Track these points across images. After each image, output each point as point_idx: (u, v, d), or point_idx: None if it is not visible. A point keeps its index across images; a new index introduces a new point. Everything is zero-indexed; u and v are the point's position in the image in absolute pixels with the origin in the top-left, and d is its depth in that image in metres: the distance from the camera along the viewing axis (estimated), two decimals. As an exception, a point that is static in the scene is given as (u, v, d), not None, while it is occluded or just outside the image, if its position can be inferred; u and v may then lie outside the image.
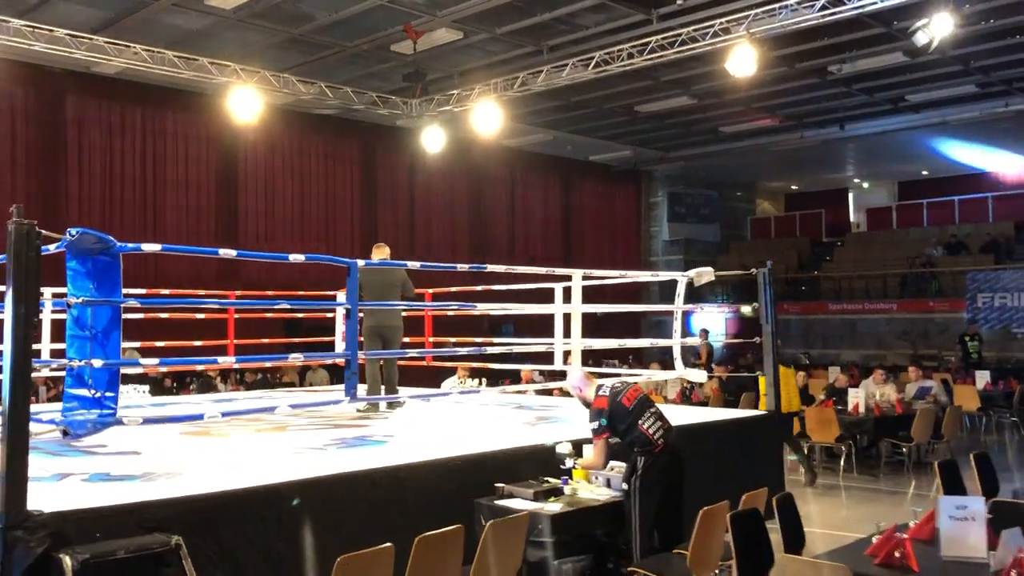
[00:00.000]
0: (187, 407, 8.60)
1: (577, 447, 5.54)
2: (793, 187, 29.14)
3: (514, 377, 13.74)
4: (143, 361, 4.94)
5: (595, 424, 5.41)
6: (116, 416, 4.49)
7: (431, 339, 10.31)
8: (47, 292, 8.70)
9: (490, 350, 6.89)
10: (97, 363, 4.41)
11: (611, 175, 23.95)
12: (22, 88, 14.48)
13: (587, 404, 5.53)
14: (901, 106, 18.39)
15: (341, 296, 10.77)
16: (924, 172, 25.76)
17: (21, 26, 11.41)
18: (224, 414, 5.06)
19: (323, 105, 16.92)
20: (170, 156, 16.08)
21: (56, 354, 7.16)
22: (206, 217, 16.36)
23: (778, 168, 25.48)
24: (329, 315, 11.06)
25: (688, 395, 11.22)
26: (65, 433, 4.20)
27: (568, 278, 6.91)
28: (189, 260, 15.63)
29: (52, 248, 4.52)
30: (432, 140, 15.07)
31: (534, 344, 8.26)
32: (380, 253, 7.90)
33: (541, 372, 11.36)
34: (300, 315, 11.71)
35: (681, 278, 7.60)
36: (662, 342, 7.39)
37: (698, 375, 7.39)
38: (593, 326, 9.98)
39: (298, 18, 13.19)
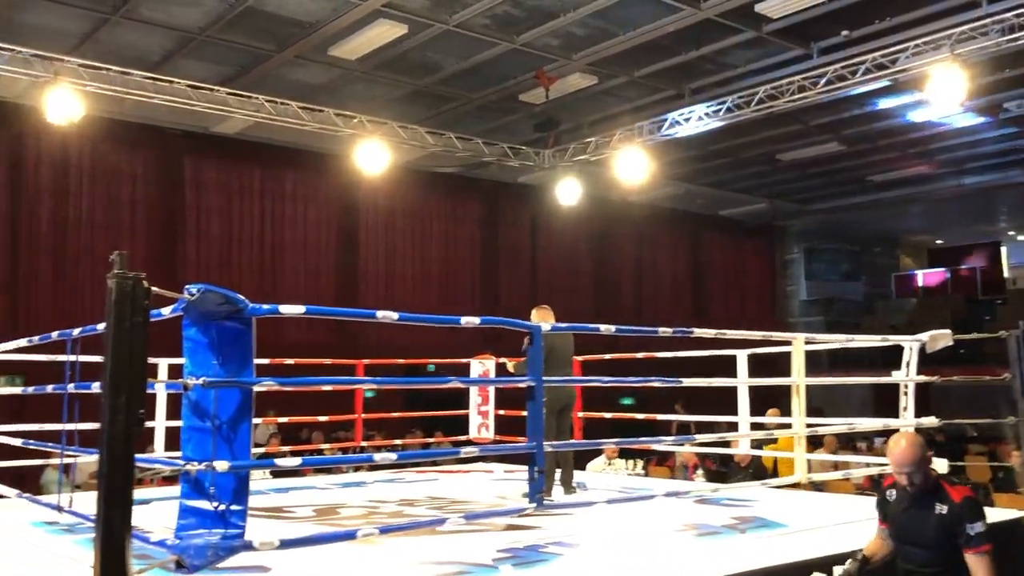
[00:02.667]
0: (315, 495, 7.50)
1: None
2: (938, 241, 26.93)
3: (660, 459, 12.27)
4: (280, 462, 3.80)
5: (981, 526, 3.87)
6: (244, 539, 3.33)
7: (580, 414, 8.99)
8: (162, 364, 7.87)
9: (699, 438, 5.54)
10: (222, 466, 3.28)
11: (742, 230, 22.40)
12: (142, 151, 14.13)
13: (929, 491, 4.01)
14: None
15: (476, 364, 9.71)
16: (1092, 222, 23.35)
17: (143, 79, 10.90)
18: (383, 530, 3.88)
19: (445, 162, 16.12)
20: (288, 217, 15.47)
21: (173, 445, 6.18)
22: (326, 280, 15.62)
23: (923, 220, 23.52)
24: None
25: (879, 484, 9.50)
26: (179, 565, 3.05)
27: (787, 343, 5.57)
28: (305, 325, 14.80)
29: (166, 312, 3.46)
30: (567, 193, 13.96)
31: (717, 421, 6.88)
32: (547, 316, 6.71)
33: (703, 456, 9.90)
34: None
35: (912, 344, 6.16)
36: (896, 422, 5.91)
37: (939, 464, 5.87)
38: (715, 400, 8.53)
39: (425, 67, 12.39)
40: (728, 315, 21.35)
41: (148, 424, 7.69)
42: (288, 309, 3.54)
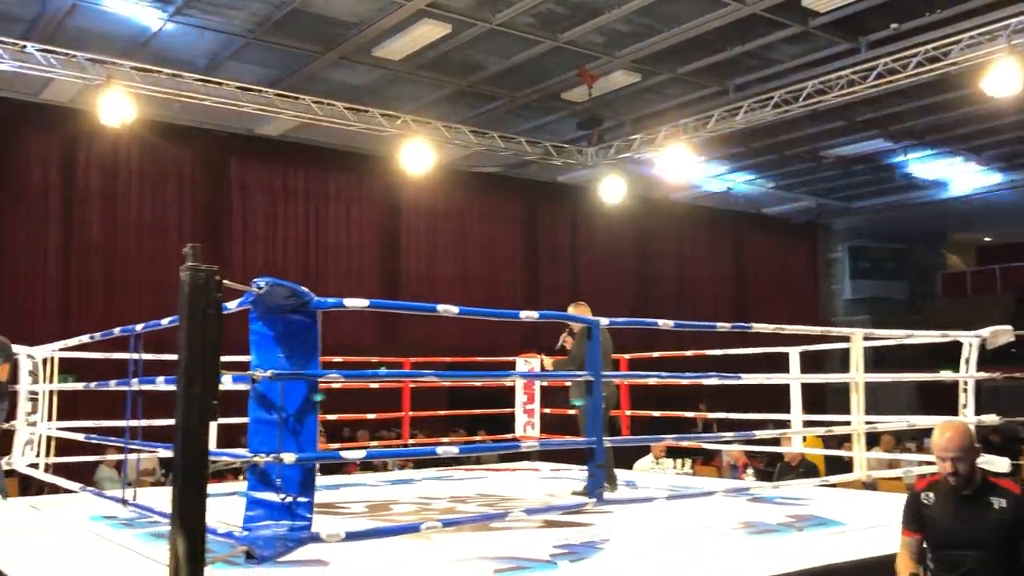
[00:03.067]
0: (366, 491, 7.55)
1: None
2: (986, 238, 26.41)
3: (705, 458, 12.17)
4: (347, 455, 3.83)
5: None
6: (311, 530, 3.35)
7: (628, 412, 8.97)
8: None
9: (759, 434, 5.48)
10: (289, 458, 3.30)
11: (785, 229, 22.16)
12: (188, 153, 14.31)
13: (980, 488, 3.79)
14: None
15: (521, 363, 9.71)
16: None
17: (193, 80, 11.06)
18: (446, 523, 3.89)
19: (487, 162, 16.17)
20: (332, 219, 15.58)
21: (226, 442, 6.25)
22: (368, 281, 15.71)
23: (971, 217, 23.05)
24: (508, 383, 9.95)
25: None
26: (249, 556, 3.07)
27: (844, 339, 5.46)
28: (349, 324, 14.88)
29: (232, 306, 3.50)
30: (610, 191, 13.90)
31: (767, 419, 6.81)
32: (585, 312, 6.70)
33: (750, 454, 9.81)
34: (477, 384, 10.58)
35: (971, 340, 6.04)
36: (976, 420, 5.79)
37: (1002, 463, 5.75)
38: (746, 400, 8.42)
39: (468, 67, 12.42)
40: (771, 315, 20.97)
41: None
42: (352, 302, 3.56)
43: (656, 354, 8.77)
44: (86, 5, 10.30)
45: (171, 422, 2.87)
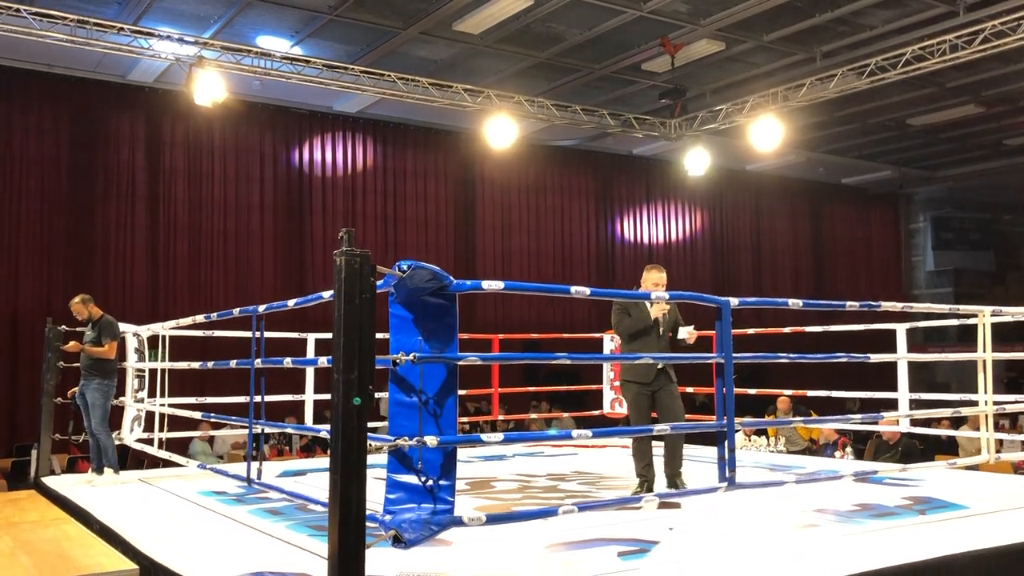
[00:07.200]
0: (462, 468, 7.56)
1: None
2: (1075, 207, 25.42)
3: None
4: (485, 437, 3.80)
5: None
6: (454, 514, 3.33)
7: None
8: (310, 339, 8.05)
9: (889, 416, 5.31)
10: (431, 441, 3.28)
11: (866, 199, 21.61)
12: (269, 131, 14.45)
13: None
14: None
15: (608, 340, 9.63)
16: None
17: (281, 56, 11.12)
18: (581, 508, 3.84)
19: (563, 135, 16.02)
20: (409, 194, 15.63)
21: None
22: (445, 256, 15.76)
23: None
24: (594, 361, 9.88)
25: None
26: (397, 540, 3.06)
27: (971, 315, 5.25)
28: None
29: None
30: (695, 162, 13.65)
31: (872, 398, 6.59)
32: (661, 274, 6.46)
33: (842, 432, 9.59)
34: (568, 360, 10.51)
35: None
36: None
37: None
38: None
39: (548, 39, 12.26)
40: (852, 287, 20.70)
41: (300, 397, 7.91)
42: (490, 284, 3.51)
43: (751, 331, 8.61)
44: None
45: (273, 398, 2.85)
